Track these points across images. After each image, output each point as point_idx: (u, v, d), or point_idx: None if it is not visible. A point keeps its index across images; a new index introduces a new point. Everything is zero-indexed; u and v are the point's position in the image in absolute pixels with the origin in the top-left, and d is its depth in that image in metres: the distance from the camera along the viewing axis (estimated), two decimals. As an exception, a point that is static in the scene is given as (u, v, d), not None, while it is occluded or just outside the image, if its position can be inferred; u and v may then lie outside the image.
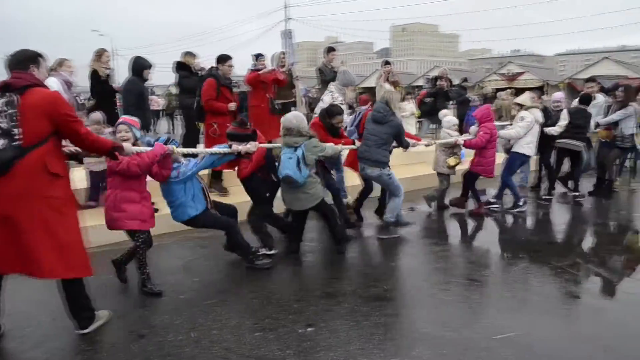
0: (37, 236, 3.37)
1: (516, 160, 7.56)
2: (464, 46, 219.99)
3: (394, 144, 6.23)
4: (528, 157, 7.62)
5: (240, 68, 9.02)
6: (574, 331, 3.79)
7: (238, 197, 6.30)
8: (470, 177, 7.36)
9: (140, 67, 6.88)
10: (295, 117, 5.33)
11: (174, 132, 18.86)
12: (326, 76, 8.87)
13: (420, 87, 20.26)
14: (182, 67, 8.10)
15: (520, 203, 7.49)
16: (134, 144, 4.31)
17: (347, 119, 6.74)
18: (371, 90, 18.23)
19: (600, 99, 9.42)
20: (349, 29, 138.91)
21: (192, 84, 7.69)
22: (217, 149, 4.95)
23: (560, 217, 7.51)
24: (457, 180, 7.70)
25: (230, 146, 4.94)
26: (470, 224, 6.98)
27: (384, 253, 5.70)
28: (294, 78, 9.28)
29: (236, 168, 5.54)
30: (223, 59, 7.32)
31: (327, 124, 6.07)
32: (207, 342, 3.63)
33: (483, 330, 3.77)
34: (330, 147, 5.50)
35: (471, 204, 7.44)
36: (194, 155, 5.03)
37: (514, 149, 7.48)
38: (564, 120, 7.91)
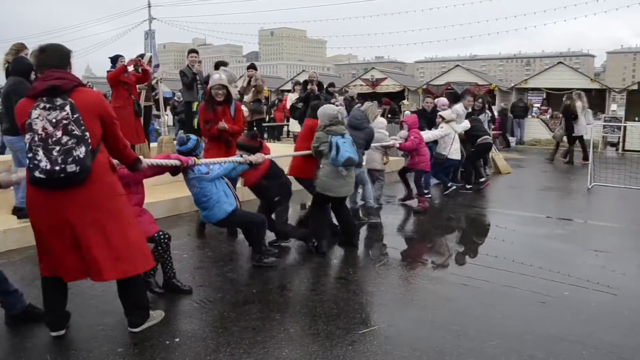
0: (121, 234, 3.43)
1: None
2: (330, 52, 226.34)
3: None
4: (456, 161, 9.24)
5: (99, 70, 8.58)
6: (430, 320, 4.04)
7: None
8: (416, 176, 8.32)
9: (28, 67, 6.21)
10: (338, 108, 5.84)
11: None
12: (187, 79, 8.68)
13: (289, 91, 20.52)
14: None
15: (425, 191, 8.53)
16: None
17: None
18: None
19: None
20: (217, 31, 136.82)
21: None
22: (232, 158, 5.18)
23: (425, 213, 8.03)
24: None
25: (241, 156, 5.20)
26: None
27: (247, 257, 5.64)
28: (155, 81, 9.00)
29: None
30: None
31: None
32: (63, 362, 3.39)
33: (349, 326, 3.90)
34: None
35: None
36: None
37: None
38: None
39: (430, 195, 8.73)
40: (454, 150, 8.99)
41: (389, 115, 16.84)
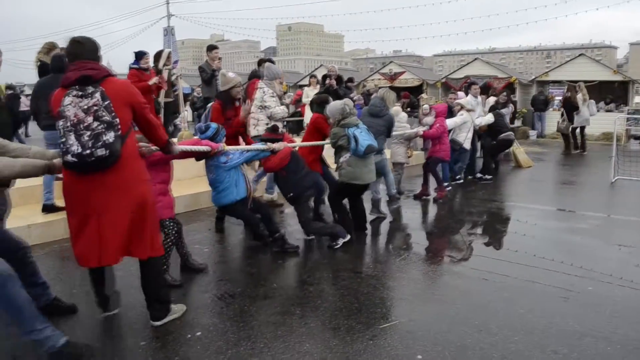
0: (144, 219, 3.54)
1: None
2: (348, 46, 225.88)
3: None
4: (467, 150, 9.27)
5: (119, 67, 8.67)
6: (451, 314, 4.01)
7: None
8: (432, 163, 8.37)
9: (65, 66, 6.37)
10: (344, 101, 6.02)
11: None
12: (206, 75, 8.70)
13: (307, 86, 20.51)
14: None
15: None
16: None
17: (279, 110, 7.00)
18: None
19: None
20: (235, 27, 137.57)
21: None
22: (256, 146, 5.60)
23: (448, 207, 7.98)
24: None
25: (264, 144, 5.61)
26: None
27: (269, 251, 5.67)
28: (175, 77, 9.05)
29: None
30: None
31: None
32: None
33: (369, 320, 3.89)
34: None
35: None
36: None
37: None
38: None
39: (450, 187, 8.79)
40: (468, 140, 9.09)
41: (408, 109, 16.73)
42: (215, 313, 4.05)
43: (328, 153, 6.59)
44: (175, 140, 8.59)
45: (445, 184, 8.62)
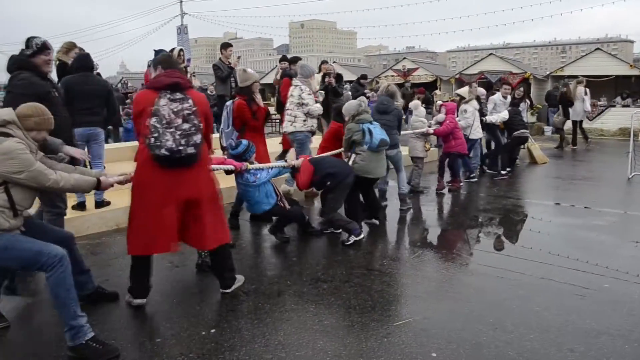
0: (217, 211, 4.13)
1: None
2: (361, 43, 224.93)
3: None
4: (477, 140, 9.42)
5: (133, 65, 8.72)
6: (465, 312, 3.99)
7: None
8: (451, 158, 8.61)
9: (92, 65, 6.71)
10: (359, 99, 6.32)
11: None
12: (222, 72, 8.74)
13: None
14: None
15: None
16: None
17: (316, 108, 7.29)
18: (271, 86, 18.17)
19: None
20: (248, 25, 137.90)
21: None
22: (277, 163, 6.01)
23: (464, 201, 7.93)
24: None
25: (285, 160, 6.18)
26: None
27: (283, 248, 5.69)
28: (189, 75, 9.05)
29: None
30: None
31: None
32: (103, 352, 3.46)
33: (383, 318, 3.89)
34: None
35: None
36: None
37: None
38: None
39: (461, 183, 8.83)
40: (474, 130, 9.17)
41: (423, 105, 16.64)
42: (229, 310, 4.07)
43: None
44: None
45: (472, 175, 9.06)
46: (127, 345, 3.54)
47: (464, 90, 9.60)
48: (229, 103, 6.35)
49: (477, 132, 9.33)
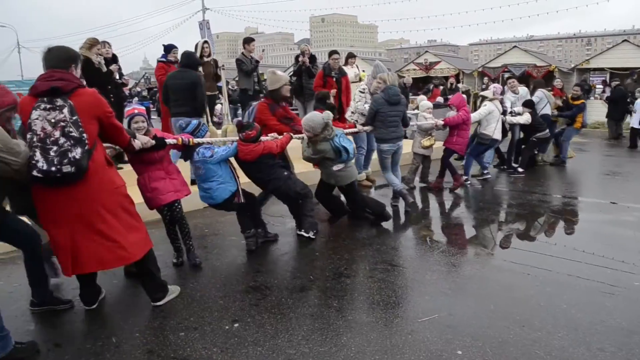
0: (121, 224, 3.62)
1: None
2: (382, 36, 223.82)
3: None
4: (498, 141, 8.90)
5: (156, 61, 8.75)
6: (491, 309, 3.93)
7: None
8: (446, 154, 8.29)
9: (195, 62, 7.12)
10: (323, 115, 5.84)
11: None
12: (247, 67, 8.75)
13: (344, 66, 20.38)
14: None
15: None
16: (146, 132, 4.46)
17: (360, 106, 7.51)
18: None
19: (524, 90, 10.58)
20: (269, 19, 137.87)
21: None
22: (223, 139, 5.60)
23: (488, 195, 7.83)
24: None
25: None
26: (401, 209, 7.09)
27: (306, 243, 5.67)
28: (219, 68, 9.07)
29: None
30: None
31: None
32: (129, 346, 3.49)
33: (407, 314, 3.85)
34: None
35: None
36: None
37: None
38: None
39: (469, 181, 8.68)
40: (497, 131, 8.70)
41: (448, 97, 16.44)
42: (252, 305, 4.06)
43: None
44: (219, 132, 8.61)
45: (465, 177, 8.61)
46: (151, 339, 3.56)
47: (488, 92, 9.22)
48: (254, 104, 6.27)
49: (498, 133, 8.73)
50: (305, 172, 6.35)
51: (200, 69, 7.64)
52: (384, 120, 6.69)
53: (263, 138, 5.39)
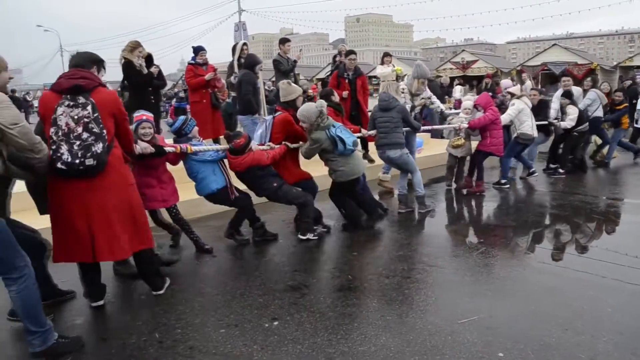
0: (131, 219, 3.86)
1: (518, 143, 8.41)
2: (417, 35, 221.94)
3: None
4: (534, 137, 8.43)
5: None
6: (533, 311, 3.87)
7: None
8: (481, 157, 7.92)
9: (253, 62, 8.00)
10: (317, 103, 5.84)
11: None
12: (285, 67, 8.83)
13: (377, 77, 20.34)
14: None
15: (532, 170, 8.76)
16: (151, 139, 4.74)
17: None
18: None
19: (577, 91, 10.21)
20: (304, 20, 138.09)
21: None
22: (216, 147, 5.73)
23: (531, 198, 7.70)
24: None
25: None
26: (442, 209, 7.03)
27: (344, 243, 5.69)
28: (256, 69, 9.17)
29: None
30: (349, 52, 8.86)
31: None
32: (171, 341, 3.56)
33: (447, 315, 3.82)
34: None
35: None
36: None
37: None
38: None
39: (508, 185, 8.32)
40: (533, 127, 8.27)
41: (490, 94, 16.16)
42: (291, 303, 4.10)
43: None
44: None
45: (503, 180, 8.32)
46: (193, 335, 3.63)
47: (516, 89, 9.06)
48: (268, 118, 6.11)
49: (535, 130, 8.37)
50: (319, 176, 6.25)
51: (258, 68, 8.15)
52: (376, 126, 6.76)
53: (274, 146, 5.67)
